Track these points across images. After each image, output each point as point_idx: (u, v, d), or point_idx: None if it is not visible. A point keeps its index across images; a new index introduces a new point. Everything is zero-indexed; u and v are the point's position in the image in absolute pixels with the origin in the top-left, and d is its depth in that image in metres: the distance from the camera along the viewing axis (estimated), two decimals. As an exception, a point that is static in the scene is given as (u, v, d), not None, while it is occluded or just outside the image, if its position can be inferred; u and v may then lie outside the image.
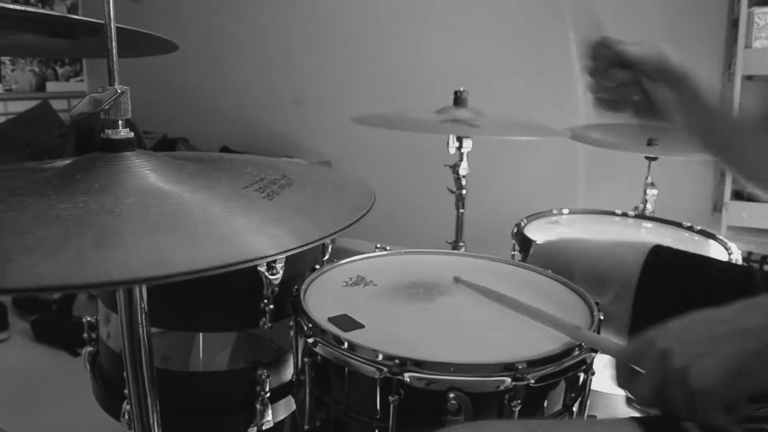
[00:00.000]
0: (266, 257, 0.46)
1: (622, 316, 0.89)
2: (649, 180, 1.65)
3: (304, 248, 0.48)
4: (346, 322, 0.76)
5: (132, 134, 0.58)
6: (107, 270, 0.41)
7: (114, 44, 0.55)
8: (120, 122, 0.57)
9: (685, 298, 0.87)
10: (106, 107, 0.56)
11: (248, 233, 0.49)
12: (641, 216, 1.54)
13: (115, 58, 0.55)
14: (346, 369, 0.72)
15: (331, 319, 0.77)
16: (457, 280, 0.90)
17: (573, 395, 0.75)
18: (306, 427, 0.79)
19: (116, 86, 0.56)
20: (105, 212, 0.48)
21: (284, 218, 0.53)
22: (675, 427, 0.57)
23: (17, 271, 0.39)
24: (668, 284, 0.89)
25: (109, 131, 0.57)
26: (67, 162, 0.59)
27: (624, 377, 0.62)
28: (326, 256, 1.05)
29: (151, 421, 0.68)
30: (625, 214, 1.54)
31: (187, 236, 0.46)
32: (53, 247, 0.43)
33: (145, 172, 0.56)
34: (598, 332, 0.77)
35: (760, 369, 0.54)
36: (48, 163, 0.62)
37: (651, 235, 1.45)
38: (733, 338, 0.55)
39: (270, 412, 0.93)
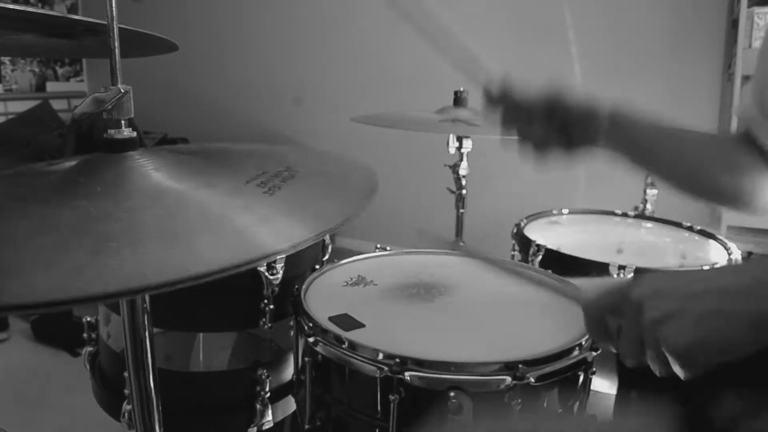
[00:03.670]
0: (266, 257, 0.45)
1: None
2: (649, 180, 1.65)
3: (301, 246, 0.47)
4: (347, 322, 0.77)
5: (134, 134, 0.58)
6: (104, 281, 0.39)
7: (117, 44, 0.55)
8: (123, 122, 0.57)
9: None
10: (109, 107, 0.56)
11: (247, 234, 0.48)
12: (641, 216, 1.54)
13: (117, 58, 0.55)
14: (347, 368, 0.72)
15: (331, 319, 0.77)
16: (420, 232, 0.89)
17: (573, 394, 0.76)
18: (306, 426, 0.80)
19: (119, 86, 0.56)
20: (104, 217, 0.46)
21: (282, 217, 0.51)
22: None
23: (16, 286, 0.37)
24: None
25: (111, 131, 0.57)
26: (70, 164, 0.59)
27: (596, 329, 0.59)
28: (326, 256, 1.05)
29: (153, 421, 0.68)
30: (625, 214, 1.53)
31: (183, 240, 0.45)
32: (49, 259, 0.40)
33: (147, 172, 0.55)
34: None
35: (735, 333, 0.50)
36: (52, 165, 0.61)
37: (651, 235, 1.45)
38: (709, 297, 0.52)
39: (270, 412, 0.93)
